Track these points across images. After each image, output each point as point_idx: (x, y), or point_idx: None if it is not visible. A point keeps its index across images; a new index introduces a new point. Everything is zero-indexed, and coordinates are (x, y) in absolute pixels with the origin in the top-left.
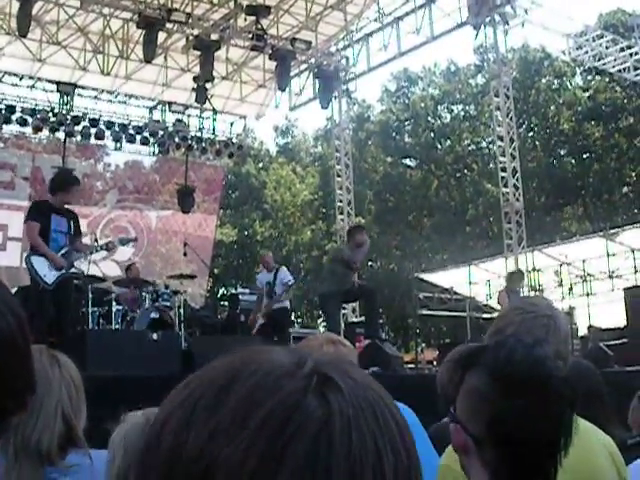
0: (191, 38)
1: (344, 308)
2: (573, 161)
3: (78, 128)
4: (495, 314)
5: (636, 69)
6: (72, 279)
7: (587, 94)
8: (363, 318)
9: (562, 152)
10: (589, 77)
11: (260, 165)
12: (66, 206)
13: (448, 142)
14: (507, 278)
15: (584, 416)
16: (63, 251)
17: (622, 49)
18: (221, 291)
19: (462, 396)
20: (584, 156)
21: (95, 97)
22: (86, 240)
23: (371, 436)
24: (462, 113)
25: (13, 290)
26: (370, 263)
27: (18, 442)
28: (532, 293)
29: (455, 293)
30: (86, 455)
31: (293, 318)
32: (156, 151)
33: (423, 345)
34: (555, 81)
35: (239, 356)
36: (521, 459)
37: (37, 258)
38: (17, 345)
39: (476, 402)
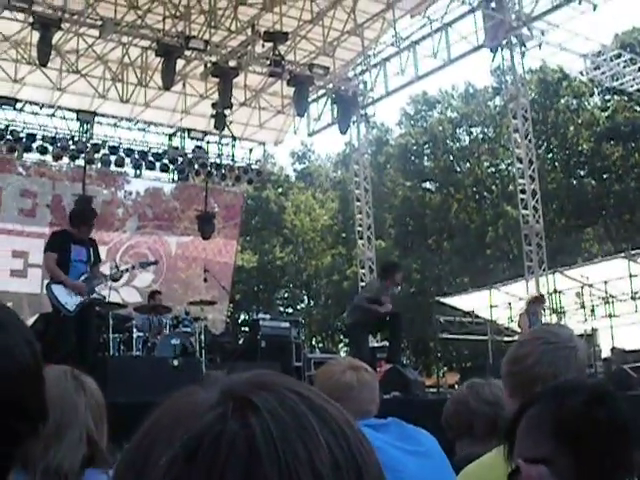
0: (209, 65)
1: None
2: (593, 182)
3: (98, 155)
4: (517, 337)
5: None
6: (93, 305)
7: (606, 114)
8: (384, 343)
9: (582, 173)
10: (607, 97)
11: (280, 190)
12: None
13: (467, 165)
14: (527, 302)
15: None
16: (83, 277)
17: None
18: (242, 317)
19: (521, 434)
20: (604, 176)
21: (114, 125)
22: (106, 267)
23: (302, 446)
24: (481, 135)
25: (34, 317)
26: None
27: (42, 467)
28: (554, 316)
29: (476, 316)
30: (104, 473)
31: (313, 343)
32: (176, 178)
33: (445, 369)
34: (573, 101)
35: (163, 407)
36: (599, 454)
37: (57, 286)
38: (31, 373)
39: (539, 426)
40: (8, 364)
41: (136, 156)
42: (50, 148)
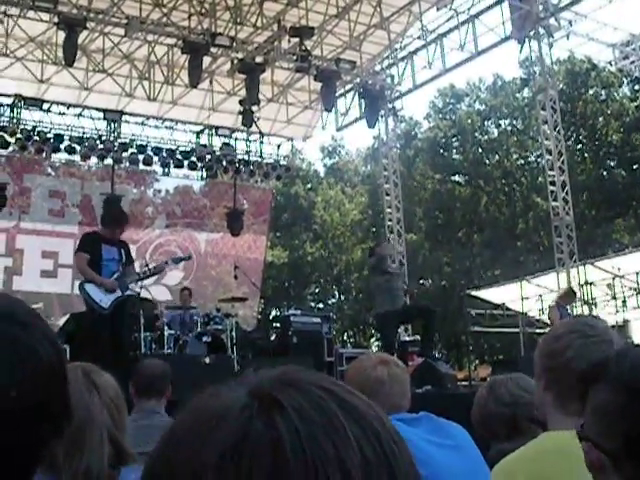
0: (236, 62)
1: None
2: (623, 172)
3: (126, 154)
4: (547, 329)
5: None
6: (127, 303)
7: (635, 104)
8: (415, 337)
9: (611, 163)
10: (636, 87)
11: (309, 186)
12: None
13: (496, 157)
14: (559, 294)
15: None
16: (115, 276)
17: None
18: (273, 313)
19: (591, 412)
20: (634, 167)
21: (142, 123)
22: (137, 266)
23: (331, 445)
24: (509, 128)
25: (65, 317)
26: (421, 281)
27: (69, 476)
28: (585, 307)
29: (507, 309)
30: (139, 469)
31: (345, 338)
32: (204, 175)
33: (476, 362)
34: (602, 92)
35: (189, 407)
36: None
37: (90, 285)
38: (55, 373)
39: (609, 417)
40: (32, 364)
41: (164, 154)
42: (78, 148)
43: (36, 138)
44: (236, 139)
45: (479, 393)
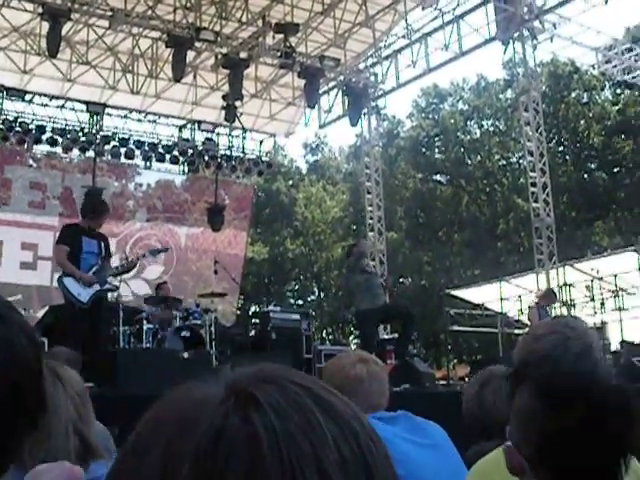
0: (220, 57)
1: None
2: (604, 175)
3: (108, 147)
4: (527, 330)
5: None
6: (105, 297)
7: (617, 108)
8: (394, 335)
9: (592, 166)
10: (618, 90)
11: (290, 182)
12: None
13: (478, 157)
14: (539, 295)
15: None
16: (94, 269)
17: None
18: (252, 308)
19: (512, 415)
20: (614, 170)
21: (125, 116)
22: (116, 259)
23: (307, 442)
24: (492, 128)
25: (44, 309)
26: (401, 279)
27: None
28: (564, 308)
29: (486, 309)
30: (108, 464)
31: (324, 335)
32: (186, 170)
33: (455, 361)
34: (584, 95)
35: (164, 401)
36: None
37: (69, 279)
38: (30, 365)
39: (524, 422)
40: (8, 356)
41: (146, 148)
42: (60, 140)
43: (18, 129)
44: (218, 134)
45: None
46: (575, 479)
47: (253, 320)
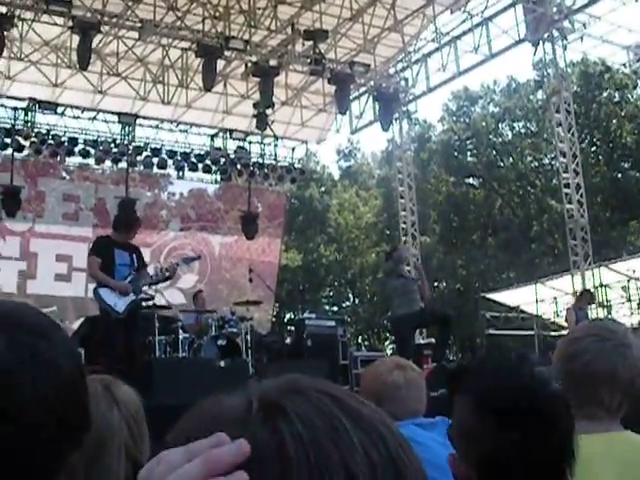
0: (250, 65)
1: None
2: (637, 174)
3: (140, 158)
4: (563, 332)
5: None
6: (140, 307)
7: None
8: (430, 340)
9: (626, 165)
10: None
11: (323, 189)
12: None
13: (510, 159)
14: (576, 297)
15: None
16: (128, 279)
17: None
18: (287, 316)
19: (453, 429)
20: None
21: (156, 127)
22: (150, 269)
23: (335, 449)
24: (523, 130)
25: (79, 320)
26: (436, 283)
27: None
28: (600, 310)
29: (522, 312)
30: None
31: (359, 341)
32: (218, 179)
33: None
34: (616, 94)
35: (192, 414)
36: None
37: (104, 289)
38: (75, 385)
39: (465, 438)
40: (53, 376)
41: (178, 158)
42: (92, 152)
43: (50, 142)
44: (250, 142)
45: None
46: None
47: (289, 327)
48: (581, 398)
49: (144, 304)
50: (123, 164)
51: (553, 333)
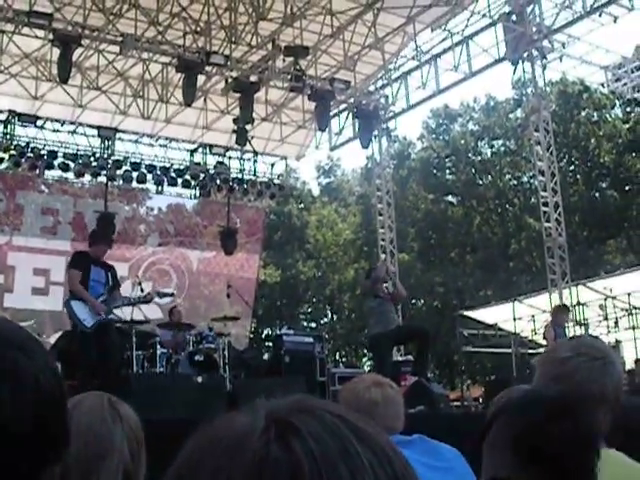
0: (230, 80)
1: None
2: (615, 194)
3: (120, 172)
4: (541, 350)
5: None
6: (112, 324)
7: (627, 126)
8: (408, 357)
9: (604, 185)
10: (628, 109)
11: (302, 205)
12: (104, 259)
13: (489, 178)
14: (552, 313)
15: (630, 454)
16: (101, 299)
17: None
18: (265, 332)
19: (488, 450)
20: (626, 188)
21: (136, 141)
22: (128, 285)
23: (346, 469)
24: (502, 148)
25: (57, 334)
26: (413, 301)
27: None
28: (577, 328)
29: (500, 329)
30: None
31: (337, 358)
32: (197, 194)
33: (469, 382)
34: (595, 114)
35: (204, 432)
36: None
37: (76, 302)
38: (55, 401)
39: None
40: (33, 391)
41: (158, 172)
42: (72, 165)
43: (30, 154)
44: (230, 157)
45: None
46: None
47: (266, 343)
48: None
49: (119, 318)
50: (102, 178)
51: (531, 351)
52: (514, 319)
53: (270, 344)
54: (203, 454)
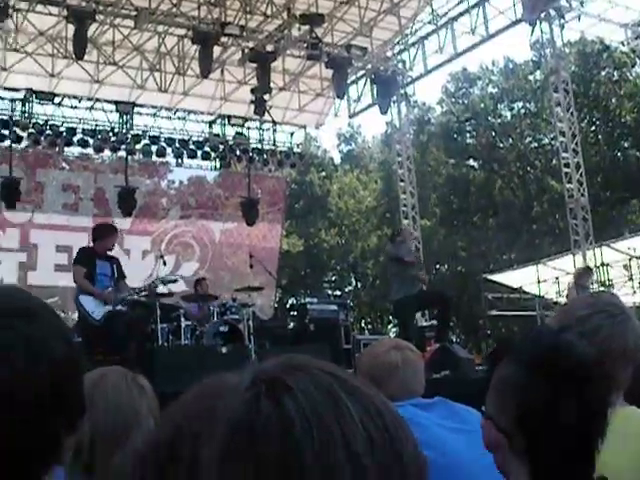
0: (247, 51)
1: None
2: (638, 153)
3: (139, 146)
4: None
5: None
6: (122, 314)
7: None
8: (433, 322)
9: (625, 144)
10: None
11: (323, 173)
12: (108, 253)
13: (510, 140)
14: (575, 275)
15: None
16: (109, 290)
17: None
18: (290, 301)
19: (490, 390)
20: None
21: (154, 115)
22: (151, 258)
23: (337, 425)
24: (522, 110)
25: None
26: (437, 266)
27: (104, 474)
28: (602, 289)
29: (524, 292)
30: None
31: (362, 325)
32: (218, 165)
33: (495, 346)
34: (615, 73)
35: (195, 391)
36: (557, 448)
37: (85, 297)
38: (68, 367)
39: (504, 394)
40: (42, 356)
41: (177, 145)
42: (91, 141)
43: (49, 132)
44: (249, 128)
45: None
46: (551, 444)
47: (291, 313)
48: None
49: (143, 293)
50: (122, 153)
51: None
52: (538, 282)
53: (295, 313)
54: (196, 400)
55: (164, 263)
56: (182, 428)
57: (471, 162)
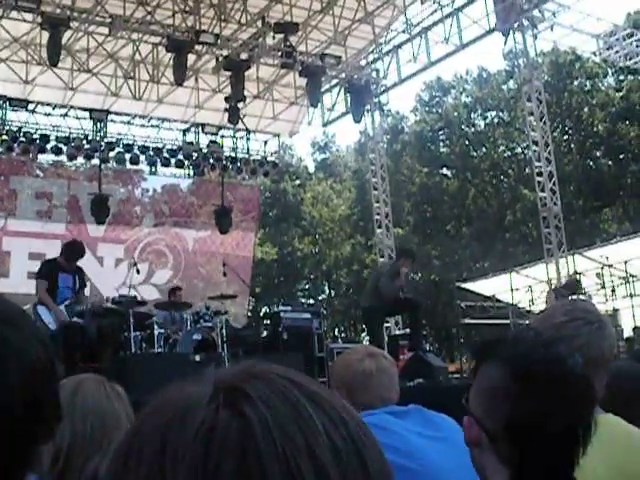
0: (221, 59)
1: (387, 321)
2: (609, 162)
3: (113, 154)
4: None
5: None
6: (76, 327)
7: (620, 94)
8: (406, 330)
9: (598, 154)
10: (621, 77)
11: (297, 182)
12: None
13: (483, 149)
14: (563, 283)
15: (627, 418)
16: (67, 302)
17: None
18: (263, 309)
19: (478, 391)
20: (620, 156)
21: (128, 122)
22: (124, 266)
23: (299, 433)
24: (496, 120)
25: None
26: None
27: (85, 477)
28: (575, 297)
29: (497, 301)
30: None
31: (336, 333)
32: (191, 173)
33: (468, 354)
34: (587, 83)
35: (155, 403)
36: (542, 456)
37: (42, 308)
38: (45, 373)
39: (494, 399)
40: (23, 365)
41: (151, 153)
42: (64, 148)
43: (22, 139)
44: (223, 136)
45: None
46: (538, 452)
47: (265, 321)
48: None
49: (117, 300)
50: (95, 160)
51: (528, 322)
52: (511, 290)
53: (268, 321)
54: (153, 422)
55: (137, 271)
56: (142, 458)
57: (445, 171)
